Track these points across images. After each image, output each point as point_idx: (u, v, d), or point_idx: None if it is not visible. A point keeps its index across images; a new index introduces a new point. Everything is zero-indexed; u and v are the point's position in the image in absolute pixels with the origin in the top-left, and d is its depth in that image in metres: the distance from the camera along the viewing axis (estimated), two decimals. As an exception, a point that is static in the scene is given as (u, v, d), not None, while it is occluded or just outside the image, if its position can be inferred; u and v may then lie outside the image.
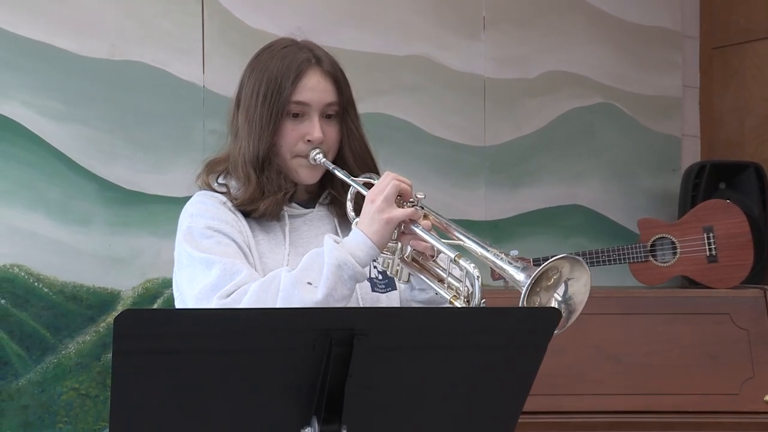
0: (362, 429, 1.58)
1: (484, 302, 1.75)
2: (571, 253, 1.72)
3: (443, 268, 1.86)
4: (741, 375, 3.00)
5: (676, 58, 4.02)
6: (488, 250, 1.78)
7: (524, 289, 1.66)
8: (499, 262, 1.75)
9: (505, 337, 1.63)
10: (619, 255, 3.42)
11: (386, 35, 3.49)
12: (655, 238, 3.44)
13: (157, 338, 1.46)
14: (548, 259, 1.69)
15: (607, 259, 3.42)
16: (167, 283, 3.05)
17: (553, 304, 1.71)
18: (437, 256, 1.88)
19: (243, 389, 1.53)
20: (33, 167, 2.93)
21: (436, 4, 3.59)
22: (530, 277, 1.67)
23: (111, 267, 3.02)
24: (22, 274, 2.91)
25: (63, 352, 2.95)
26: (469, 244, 1.83)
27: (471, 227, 3.55)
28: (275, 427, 1.57)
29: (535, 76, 3.77)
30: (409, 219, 1.85)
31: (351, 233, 1.87)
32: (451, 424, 1.67)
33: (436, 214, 1.91)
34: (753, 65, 3.89)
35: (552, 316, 1.63)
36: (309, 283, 1.81)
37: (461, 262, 1.77)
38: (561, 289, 1.72)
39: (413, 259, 1.90)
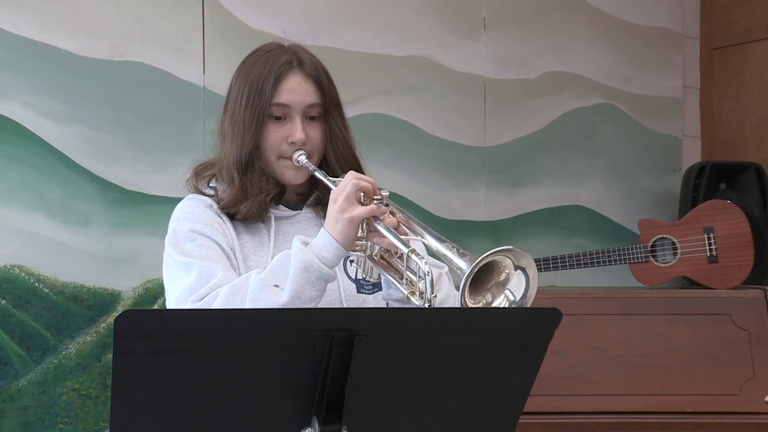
0: (362, 429, 1.59)
1: (434, 296, 1.74)
2: (516, 247, 1.71)
3: (404, 265, 1.85)
4: (741, 375, 3.00)
5: (676, 58, 4.02)
6: (442, 243, 1.78)
7: (464, 275, 1.66)
8: (449, 254, 1.75)
9: (505, 338, 1.63)
10: (619, 255, 3.42)
11: (386, 36, 3.49)
12: (655, 238, 3.44)
13: (158, 339, 1.46)
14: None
15: (607, 259, 3.42)
16: (168, 284, 3.05)
17: (504, 300, 1.72)
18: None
19: (243, 389, 1.53)
20: (33, 168, 2.93)
21: (437, 4, 3.58)
22: (471, 265, 1.66)
23: (111, 267, 3.02)
24: (23, 274, 2.91)
25: (63, 353, 2.95)
26: (427, 239, 1.83)
27: (472, 228, 3.60)
28: (275, 428, 1.57)
29: (536, 77, 3.77)
30: (372, 216, 1.85)
31: (318, 234, 1.87)
32: (451, 425, 1.67)
33: (399, 209, 1.91)
34: (753, 66, 3.89)
35: (552, 316, 1.63)
36: (276, 286, 1.82)
37: (413, 257, 1.77)
38: (522, 284, 1.72)
39: (381, 257, 1.90)
